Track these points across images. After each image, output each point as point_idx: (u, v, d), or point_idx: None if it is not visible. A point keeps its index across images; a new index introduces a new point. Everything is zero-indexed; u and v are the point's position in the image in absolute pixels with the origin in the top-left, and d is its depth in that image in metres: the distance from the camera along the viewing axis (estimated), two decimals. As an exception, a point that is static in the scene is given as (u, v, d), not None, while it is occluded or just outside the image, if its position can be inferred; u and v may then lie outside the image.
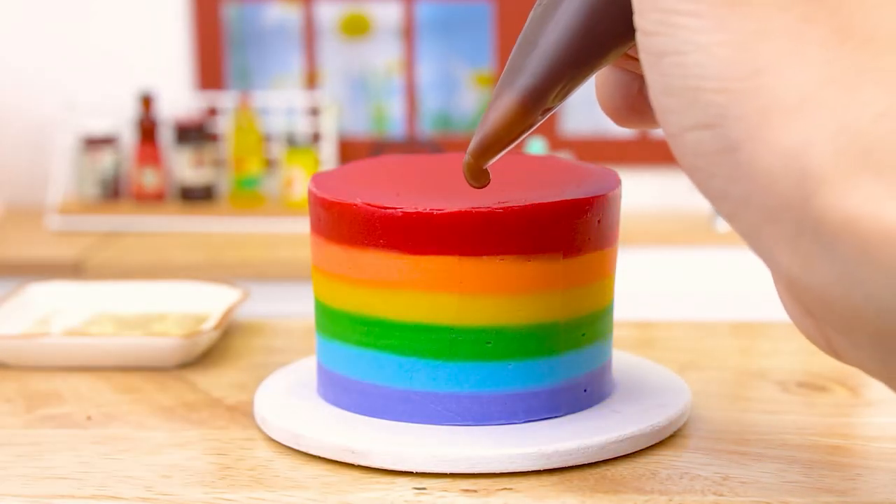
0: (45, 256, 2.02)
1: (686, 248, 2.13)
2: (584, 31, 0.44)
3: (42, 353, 0.66)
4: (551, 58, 0.45)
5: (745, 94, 0.37)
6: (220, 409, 0.60)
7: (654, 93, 0.39)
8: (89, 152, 2.23)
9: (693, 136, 0.38)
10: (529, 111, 0.47)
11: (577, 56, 0.44)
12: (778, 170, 0.36)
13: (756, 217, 0.37)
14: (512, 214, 0.52)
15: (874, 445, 0.55)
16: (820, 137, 0.36)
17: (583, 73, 0.45)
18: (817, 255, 0.36)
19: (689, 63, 0.37)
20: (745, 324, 0.76)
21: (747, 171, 0.37)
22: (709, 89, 0.37)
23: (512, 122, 0.47)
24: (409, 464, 0.52)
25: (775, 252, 0.37)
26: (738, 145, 0.37)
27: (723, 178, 0.38)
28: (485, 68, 2.42)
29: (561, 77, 0.45)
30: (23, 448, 0.56)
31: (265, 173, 2.29)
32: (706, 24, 0.37)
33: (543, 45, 0.45)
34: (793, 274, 0.37)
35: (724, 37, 0.37)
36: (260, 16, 2.45)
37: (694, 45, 0.37)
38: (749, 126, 0.37)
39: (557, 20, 0.44)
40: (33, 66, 2.36)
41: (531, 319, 0.54)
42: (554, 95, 0.46)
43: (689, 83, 0.37)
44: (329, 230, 0.55)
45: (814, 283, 0.37)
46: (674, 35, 0.38)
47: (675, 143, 0.39)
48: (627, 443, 0.53)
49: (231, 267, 1.98)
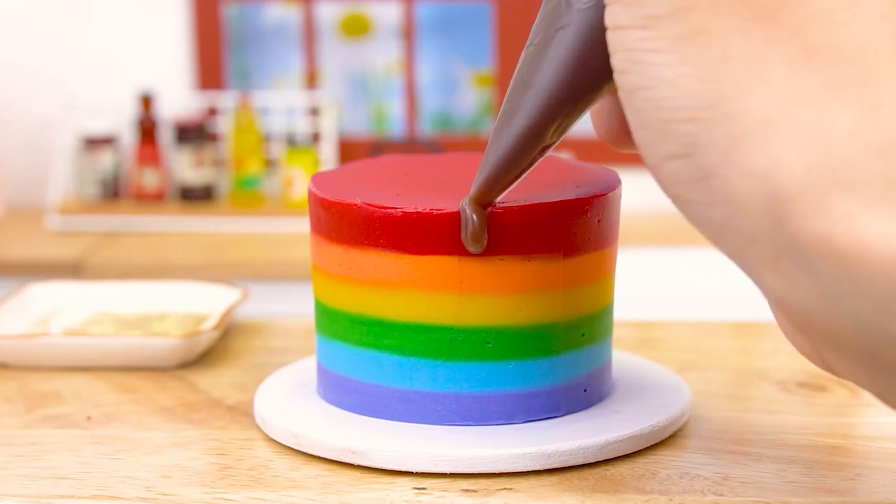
0: (45, 256, 2.02)
1: (686, 248, 2.13)
2: (577, 68, 0.44)
3: (42, 353, 0.66)
4: (546, 96, 0.45)
5: (713, 121, 0.37)
6: (220, 409, 0.60)
7: (631, 127, 0.40)
8: (89, 152, 2.23)
9: (669, 165, 0.39)
10: (528, 150, 0.48)
11: (571, 93, 0.45)
12: (750, 193, 0.37)
13: (737, 240, 0.38)
14: (512, 214, 0.52)
15: (874, 445, 0.55)
16: (787, 157, 0.36)
17: (578, 109, 0.46)
18: (797, 275, 0.36)
19: (657, 97, 0.38)
20: (745, 324, 0.76)
21: (723, 197, 0.38)
22: (678, 120, 0.38)
23: (511, 161, 0.49)
24: (409, 464, 0.52)
25: (759, 273, 0.38)
26: (711, 172, 0.38)
27: (702, 205, 0.38)
28: (485, 68, 2.42)
29: (557, 114, 0.46)
30: (23, 448, 0.56)
31: (265, 173, 2.29)
32: (669, 59, 0.38)
33: (537, 84, 0.46)
34: (778, 293, 0.38)
35: (686, 69, 0.38)
36: (260, 16, 2.45)
37: (659, 80, 0.38)
38: (720, 152, 0.37)
39: (550, 59, 0.45)
40: (33, 66, 2.36)
41: (531, 319, 0.54)
42: (552, 132, 0.47)
43: (660, 115, 0.38)
44: (329, 230, 0.55)
45: (798, 302, 0.37)
46: (640, 71, 0.39)
47: (654, 173, 0.40)
48: (627, 443, 0.53)
49: (231, 267, 1.98)
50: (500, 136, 0.48)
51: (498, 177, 0.50)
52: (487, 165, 0.50)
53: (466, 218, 0.52)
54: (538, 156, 0.48)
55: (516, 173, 0.49)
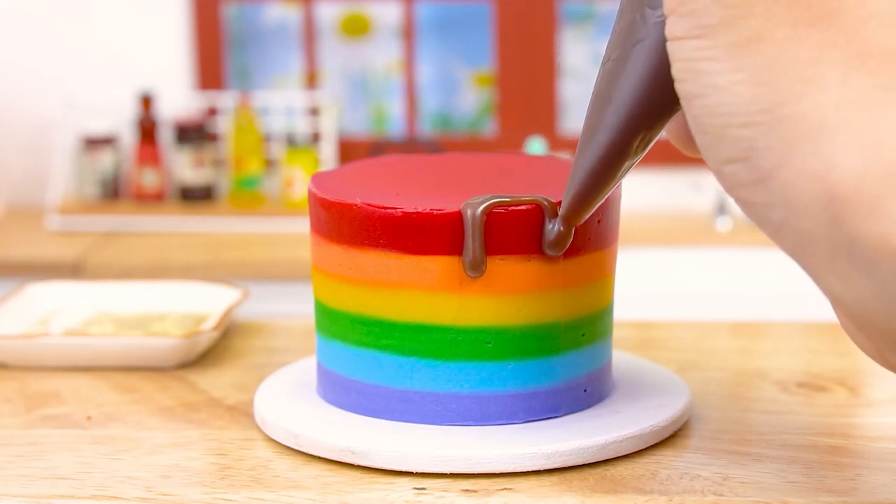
0: (45, 256, 2.02)
1: (686, 248, 2.13)
2: (655, 82, 0.45)
3: (42, 353, 0.66)
4: (627, 112, 0.46)
5: (769, 125, 0.38)
6: (220, 409, 0.60)
7: (693, 132, 0.41)
8: (89, 152, 2.23)
9: (729, 169, 0.40)
10: (613, 166, 0.48)
11: (651, 106, 0.45)
12: (807, 195, 0.38)
13: (796, 240, 0.39)
14: (512, 214, 0.52)
15: (874, 445, 0.55)
16: (843, 159, 0.37)
17: (660, 121, 0.46)
18: (854, 274, 0.37)
19: (713, 104, 0.39)
20: (745, 324, 0.76)
21: (781, 198, 0.38)
22: (735, 125, 0.39)
23: (597, 178, 0.49)
24: (409, 464, 0.52)
25: (817, 272, 0.39)
26: (769, 174, 0.39)
27: (761, 206, 0.39)
28: (485, 68, 2.42)
29: (639, 129, 0.46)
30: (23, 448, 0.56)
31: (265, 173, 2.29)
32: (724, 66, 0.39)
33: (618, 99, 0.46)
34: (835, 292, 0.39)
35: (741, 75, 0.39)
36: (260, 16, 2.45)
37: (714, 87, 0.39)
38: (776, 155, 0.38)
39: (628, 74, 0.45)
40: (33, 66, 2.36)
41: (531, 319, 0.54)
42: (635, 146, 0.47)
43: (717, 121, 0.39)
44: (329, 230, 0.55)
45: (854, 301, 0.38)
46: (696, 80, 0.40)
47: (717, 177, 0.41)
48: (627, 443, 0.53)
49: (231, 267, 1.98)
50: (585, 154, 0.48)
51: (585, 194, 0.50)
52: (574, 183, 0.50)
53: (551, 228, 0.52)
54: (625, 171, 0.49)
55: (603, 189, 0.50)
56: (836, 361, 0.67)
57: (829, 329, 0.73)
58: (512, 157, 0.63)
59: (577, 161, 0.49)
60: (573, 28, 2.38)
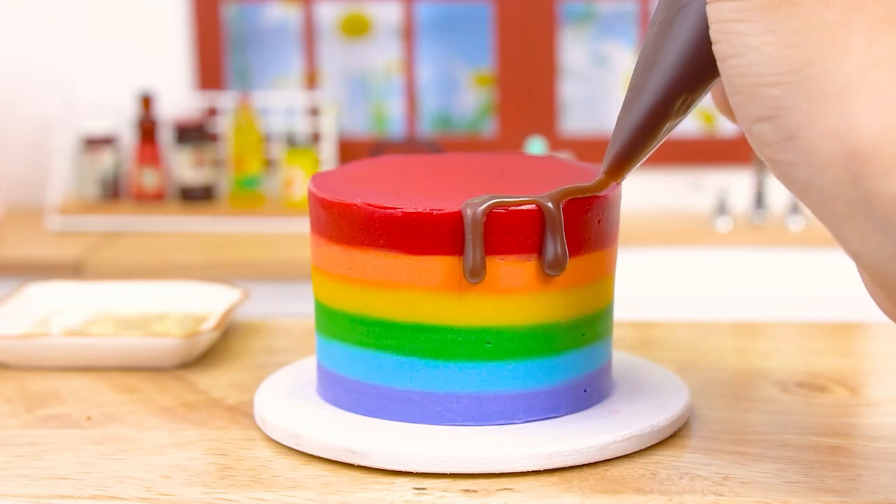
0: (45, 256, 2.02)
1: (686, 248, 2.13)
2: (699, 45, 0.46)
3: (42, 353, 0.66)
4: (671, 74, 0.48)
5: (796, 85, 0.40)
6: (220, 409, 0.60)
7: (727, 92, 0.43)
8: (89, 152, 2.23)
9: (758, 128, 0.41)
10: (656, 126, 0.50)
11: (694, 71, 0.47)
12: (829, 153, 0.39)
13: (819, 198, 0.40)
14: (512, 214, 0.52)
15: (874, 445, 0.55)
16: (863, 118, 0.38)
17: (702, 85, 0.48)
18: (871, 232, 0.39)
19: (745, 63, 0.41)
20: (745, 324, 0.76)
21: (806, 156, 0.40)
22: (764, 84, 0.41)
23: (640, 137, 0.50)
24: (409, 464, 0.52)
25: (838, 229, 0.40)
26: (795, 133, 0.40)
27: (788, 164, 0.41)
28: (485, 68, 2.42)
29: (681, 91, 0.48)
30: (22, 448, 0.56)
31: (265, 173, 2.29)
32: (756, 27, 0.41)
33: (662, 62, 0.47)
34: (854, 248, 0.40)
35: (772, 37, 0.40)
36: (260, 16, 2.45)
37: (747, 48, 0.41)
38: (802, 114, 0.40)
39: (674, 39, 0.47)
40: (33, 65, 2.36)
41: (531, 319, 0.54)
42: (677, 108, 0.49)
43: (748, 81, 0.41)
44: (329, 230, 0.55)
45: (871, 258, 0.39)
46: (730, 40, 0.41)
47: (748, 136, 0.42)
48: (627, 443, 0.53)
49: (231, 267, 1.98)
50: (629, 114, 0.50)
51: (627, 152, 0.51)
52: (617, 141, 0.51)
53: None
54: (664, 133, 0.50)
55: (645, 148, 0.51)
56: (836, 361, 0.67)
57: (829, 329, 0.73)
58: (512, 157, 0.63)
59: (621, 119, 0.51)
60: (573, 28, 2.38)
